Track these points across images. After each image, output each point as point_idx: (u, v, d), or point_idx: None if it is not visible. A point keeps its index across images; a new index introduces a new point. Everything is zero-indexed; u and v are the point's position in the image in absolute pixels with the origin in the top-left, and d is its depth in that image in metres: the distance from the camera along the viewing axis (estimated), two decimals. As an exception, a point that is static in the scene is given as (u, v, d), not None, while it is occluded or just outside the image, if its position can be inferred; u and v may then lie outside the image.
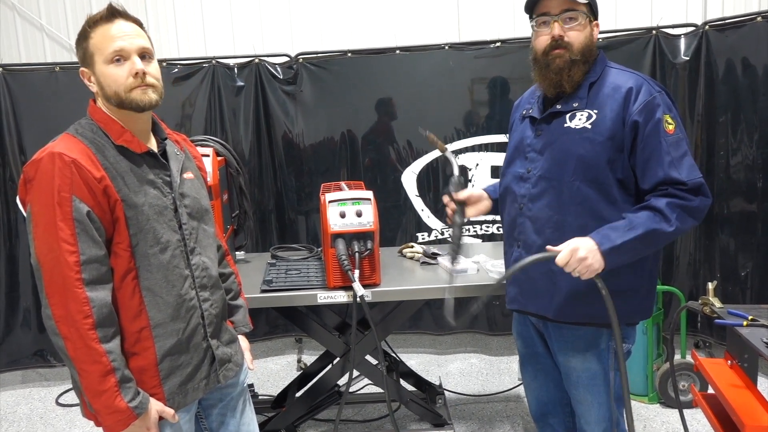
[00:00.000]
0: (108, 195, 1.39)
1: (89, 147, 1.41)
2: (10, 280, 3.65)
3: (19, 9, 4.29)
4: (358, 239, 2.17)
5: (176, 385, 1.51)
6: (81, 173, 1.36)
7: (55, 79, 3.62)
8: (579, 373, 1.83)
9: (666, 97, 1.70)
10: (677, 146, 1.64)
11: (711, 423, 1.82)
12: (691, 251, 3.58)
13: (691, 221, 1.66)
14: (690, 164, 1.65)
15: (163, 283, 1.47)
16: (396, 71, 3.72)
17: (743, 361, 1.76)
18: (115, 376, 1.37)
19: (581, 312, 1.75)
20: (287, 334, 4.07)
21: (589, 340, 1.79)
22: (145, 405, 1.42)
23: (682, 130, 1.68)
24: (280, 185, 3.89)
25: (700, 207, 1.65)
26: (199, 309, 1.55)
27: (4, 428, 3.22)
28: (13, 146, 3.61)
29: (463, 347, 3.99)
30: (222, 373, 1.61)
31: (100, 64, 1.43)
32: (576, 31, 1.72)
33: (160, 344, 1.47)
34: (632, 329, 1.85)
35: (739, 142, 3.32)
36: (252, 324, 1.84)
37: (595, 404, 1.83)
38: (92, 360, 1.35)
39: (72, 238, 1.34)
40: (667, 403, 3.05)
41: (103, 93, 1.46)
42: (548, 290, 1.78)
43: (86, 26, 1.44)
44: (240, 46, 4.21)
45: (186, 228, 1.53)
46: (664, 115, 1.65)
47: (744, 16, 3.27)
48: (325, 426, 2.95)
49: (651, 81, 1.72)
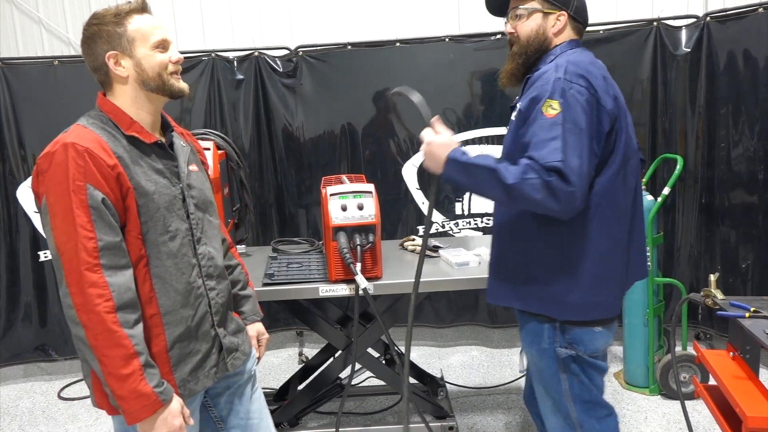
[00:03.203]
0: (121, 183, 1.41)
1: (101, 136, 1.44)
2: (11, 274, 3.65)
3: (17, 2, 4.26)
4: (360, 232, 2.17)
5: (187, 373, 1.53)
6: (94, 161, 1.38)
7: (54, 73, 3.61)
8: (531, 365, 1.86)
9: (569, 83, 1.58)
10: (549, 129, 1.56)
11: (713, 414, 1.82)
12: (692, 243, 3.58)
13: (540, 195, 1.53)
14: (555, 147, 1.53)
15: (174, 270, 1.49)
16: (396, 64, 3.71)
17: (745, 352, 1.76)
18: (139, 359, 1.37)
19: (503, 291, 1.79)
20: (288, 328, 4.07)
21: (532, 334, 1.78)
22: (170, 393, 1.42)
23: (569, 116, 1.56)
24: (281, 179, 3.89)
25: (554, 186, 1.51)
26: (206, 297, 1.58)
27: (7, 422, 3.23)
28: (12, 140, 3.61)
29: (465, 340, 3.99)
30: (230, 362, 1.64)
31: (144, 48, 1.49)
32: (521, 23, 1.77)
33: (170, 331, 1.49)
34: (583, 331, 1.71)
35: (740, 133, 3.32)
36: (262, 311, 1.90)
37: (547, 399, 1.83)
38: (114, 344, 1.35)
39: (89, 224, 1.35)
40: (668, 394, 3.06)
41: (141, 76, 1.49)
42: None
43: (117, 12, 1.48)
44: (239, 39, 4.19)
45: (193, 218, 1.56)
46: (548, 100, 1.58)
47: (745, 7, 3.25)
48: (327, 419, 2.96)
49: (566, 68, 1.62)
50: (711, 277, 1.99)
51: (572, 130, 1.55)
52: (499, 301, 1.83)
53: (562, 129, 1.55)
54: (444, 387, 2.89)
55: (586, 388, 1.76)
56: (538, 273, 1.71)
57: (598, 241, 1.66)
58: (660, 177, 3.54)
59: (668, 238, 3.57)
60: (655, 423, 2.86)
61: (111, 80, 1.52)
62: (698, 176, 3.52)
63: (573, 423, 1.78)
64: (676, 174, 3.03)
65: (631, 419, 2.90)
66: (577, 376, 1.75)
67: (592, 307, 1.69)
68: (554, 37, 1.75)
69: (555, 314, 1.71)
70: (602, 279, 1.69)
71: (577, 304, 1.68)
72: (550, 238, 1.68)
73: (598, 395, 1.79)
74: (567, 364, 1.74)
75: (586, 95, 1.58)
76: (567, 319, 1.70)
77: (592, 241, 1.66)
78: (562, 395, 1.77)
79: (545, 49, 1.75)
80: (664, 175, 3.53)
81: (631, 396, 3.12)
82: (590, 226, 1.65)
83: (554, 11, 1.73)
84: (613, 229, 1.68)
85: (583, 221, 1.64)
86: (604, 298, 1.70)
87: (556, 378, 1.76)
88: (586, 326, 1.71)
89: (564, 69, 1.61)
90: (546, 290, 1.70)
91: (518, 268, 1.75)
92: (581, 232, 1.65)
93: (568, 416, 1.78)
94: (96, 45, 1.49)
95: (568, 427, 1.79)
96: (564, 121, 1.56)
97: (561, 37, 1.76)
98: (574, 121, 1.56)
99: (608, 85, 1.66)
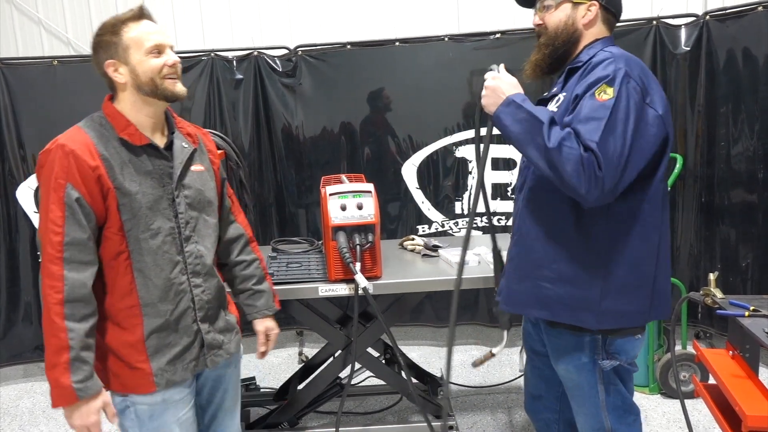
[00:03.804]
0: (101, 183, 1.51)
1: (92, 138, 1.54)
2: (10, 274, 3.65)
3: (17, 2, 4.26)
4: (359, 232, 2.16)
5: (164, 363, 1.61)
6: (78, 163, 1.49)
7: (53, 73, 3.61)
8: (565, 380, 1.78)
9: (629, 77, 1.53)
10: (597, 110, 1.49)
11: (712, 413, 1.82)
12: (691, 242, 3.58)
13: (570, 167, 1.45)
14: (595, 128, 1.46)
15: (153, 266, 1.58)
16: (395, 63, 3.71)
17: (745, 351, 1.76)
18: (69, 354, 1.46)
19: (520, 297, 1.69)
20: (288, 327, 4.07)
21: (569, 349, 1.69)
22: (90, 390, 1.50)
23: (624, 105, 1.49)
24: (280, 178, 3.88)
25: (587, 165, 1.45)
26: (189, 293, 1.64)
27: (7, 422, 3.23)
28: (12, 140, 3.61)
29: (464, 339, 3.99)
30: (210, 358, 1.69)
31: (139, 55, 1.56)
32: (549, 14, 1.70)
33: (147, 322, 1.59)
34: (626, 341, 1.65)
35: (740, 132, 3.31)
36: (278, 305, 1.96)
37: (581, 414, 1.78)
38: (51, 333, 1.46)
39: (60, 220, 1.48)
40: (668, 393, 3.06)
41: (136, 81, 1.57)
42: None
43: (114, 23, 1.58)
44: (239, 38, 4.19)
45: (182, 217, 1.63)
46: (604, 85, 1.51)
47: (745, 5, 3.25)
48: (327, 418, 2.96)
49: (626, 61, 1.56)
50: (710, 276, 1.99)
51: (620, 119, 1.48)
52: (518, 308, 1.73)
53: (610, 114, 1.47)
54: (444, 386, 2.88)
55: (621, 395, 1.72)
56: (570, 275, 1.60)
57: (638, 246, 1.59)
58: (660, 176, 3.53)
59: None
60: (654, 422, 2.86)
61: (114, 87, 1.62)
62: (698, 175, 3.51)
63: (606, 430, 1.73)
64: (675, 173, 3.03)
65: (631, 418, 2.90)
66: (615, 385, 1.70)
67: (623, 315, 1.61)
68: (584, 29, 1.68)
69: (588, 323, 1.61)
70: (635, 287, 1.61)
71: (609, 311, 1.60)
72: (588, 238, 1.59)
73: (630, 401, 1.75)
74: (607, 376, 1.68)
75: (640, 95, 1.52)
76: (603, 328, 1.62)
77: (632, 245, 1.59)
78: (599, 406, 1.71)
79: (575, 40, 1.69)
80: (663, 174, 3.52)
81: (631, 395, 3.12)
82: (632, 231, 1.58)
83: (585, 1, 1.66)
84: (651, 236, 1.62)
85: (626, 224, 1.58)
86: (636, 307, 1.62)
87: (594, 390, 1.70)
88: (627, 335, 1.65)
89: (625, 61, 1.55)
90: (578, 295, 1.60)
91: (547, 270, 1.64)
92: (622, 235, 1.58)
93: (603, 426, 1.73)
94: (98, 55, 1.60)
95: None
96: (614, 108, 1.48)
97: (593, 30, 1.69)
98: (624, 112, 1.48)
99: (660, 89, 1.61)
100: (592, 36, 1.70)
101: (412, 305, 2.55)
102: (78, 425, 1.52)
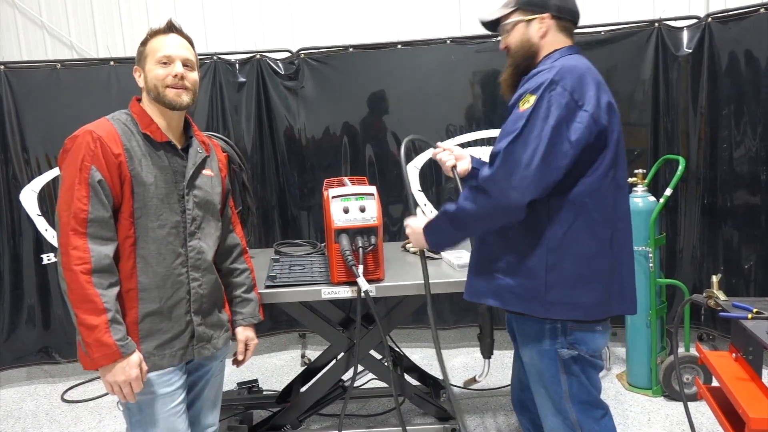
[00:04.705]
0: (121, 170, 1.65)
1: (117, 129, 1.68)
2: (14, 277, 3.66)
3: (20, 6, 4.28)
4: (362, 234, 2.17)
5: (153, 347, 1.71)
6: (103, 148, 1.63)
7: (57, 77, 3.62)
8: (530, 369, 1.85)
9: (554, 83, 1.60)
10: (516, 121, 1.62)
11: (716, 415, 1.82)
12: (694, 244, 3.58)
13: (482, 198, 1.65)
14: (506, 139, 1.61)
15: (156, 254, 1.70)
16: (397, 66, 3.71)
17: (748, 353, 1.76)
18: (107, 315, 1.57)
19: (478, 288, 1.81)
20: (291, 330, 4.08)
21: (533, 336, 1.77)
22: (131, 348, 1.63)
23: (543, 110, 1.58)
24: (283, 181, 3.89)
25: (486, 178, 1.63)
26: (186, 285, 1.76)
27: (10, 425, 3.24)
28: (16, 144, 3.61)
29: (467, 341, 3.99)
30: (197, 349, 1.79)
31: (150, 63, 1.74)
32: (509, 37, 1.81)
33: (143, 306, 1.69)
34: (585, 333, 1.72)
35: (743, 134, 3.31)
36: (263, 316, 2.07)
37: (545, 406, 1.82)
38: (86, 299, 1.56)
39: (85, 198, 1.60)
40: (671, 396, 3.05)
41: (147, 87, 1.75)
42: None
43: (147, 35, 1.78)
44: (241, 41, 4.21)
45: (189, 214, 1.76)
46: (526, 95, 1.63)
47: (747, 8, 3.25)
48: (329, 421, 2.96)
49: (558, 69, 1.62)
50: (713, 278, 1.99)
51: (535, 124, 1.59)
52: (475, 298, 1.83)
53: (526, 121, 1.60)
54: (446, 389, 2.88)
55: (585, 389, 1.77)
56: (520, 268, 1.71)
57: (586, 241, 1.67)
58: (662, 178, 3.53)
59: (670, 239, 3.56)
60: (657, 425, 2.86)
61: (141, 89, 1.79)
62: (700, 177, 3.51)
63: (572, 424, 1.79)
64: (678, 175, 3.03)
65: (634, 421, 2.89)
66: (578, 377, 1.76)
67: (574, 307, 1.69)
68: (541, 40, 1.77)
69: (538, 312, 1.70)
70: (588, 280, 1.68)
71: (558, 302, 1.68)
72: (535, 234, 1.68)
73: (596, 395, 1.81)
74: (568, 365, 1.75)
75: (567, 98, 1.59)
76: (550, 317, 1.70)
77: (578, 240, 1.66)
78: (562, 397, 1.77)
79: (534, 54, 1.77)
80: (666, 176, 3.53)
81: (634, 397, 3.12)
82: (578, 226, 1.66)
83: (534, 16, 1.76)
84: (600, 230, 1.68)
85: (570, 219, 1.66)
86: (591, 300, 1.69)
87: (556, 379, 1.76)
88: (585, 328, 1.72)
89: (556, 70, 1.62)
90: (527, 285, 1.70)
91: (499, 263, 1.75)
92: (568, 230, 1.66)
93: (567, 417, 1.79)
94: (136, 58, 1.80)
95: (567, 428, 1.80)
96: (530, 115, 1.59)
97: (549, 39, 1.77)
98: (541, 117, 1.58)
99: (601, 90, 1.65)
100: (550, 46, 1.78)
101: (414, 308, 2.55)
102: (122, 380, 1.61)
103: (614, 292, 1.71)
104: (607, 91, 1.69)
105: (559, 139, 1.58)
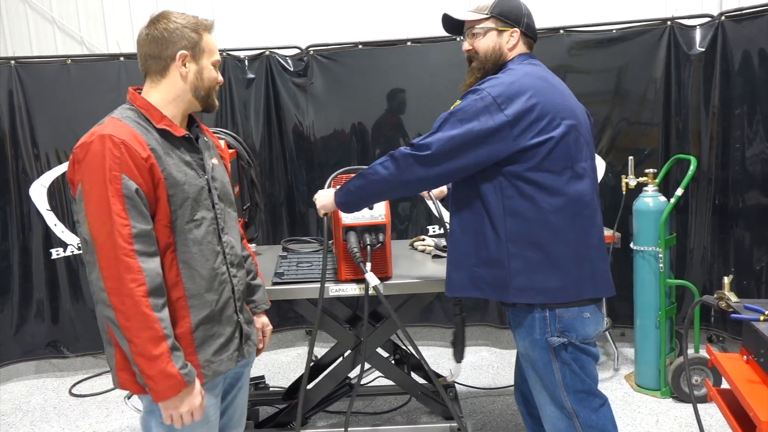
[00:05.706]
0: (153, 173, 1.49)
1: (135, 129, 1.51)
2: (23, 271, 3.68)
3: (31, 2, 4.30)
4: (370, 232, 2.16)
5: (210, 354, 1.59)
6: (130, 153, 1.45)
7: (67, 72, 3.63)
8: (524, 359, 1.89)
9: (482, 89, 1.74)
10: (437, 121, 1.80)
11: (726, 418, 1.80)
12: (705, 245, 3.55)
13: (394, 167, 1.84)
14: (433, 134, 1.78)
15: (199, 256, 1.57)
16: (407, 63, 3.70)
17: (759, 356, 1.74)
18: (167, 342, 1.44)
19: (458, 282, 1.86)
20: (297, 326, 4.08)
21: (525, 325, 1.82)
22: (193, 375, 1.50)
23: (459, 109, 1.75)
24: (291, 178, 3.89)
25: (403, 152, 1.82)
26: (230, 283, 1.66)
27: (19, 418, 3.26)
28: (26, 139, 3.63)
29: (474, 340, 3.98)
30: (246, 348, 1.71)
31: (208, 62, 1.62)
32: (478, 41, 1.91)
33: (194, 314, 1.56)
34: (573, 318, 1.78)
35: (755, 133, 3.28)
36: (269, 302, 1.98)
37: (542, 396, 1.87)
38: (146, 326, 1.42)
39: (124, 212, 1.43)
40: (680, 397, 3.03)
41: (196, 83, 1.61)
42: None
43: (196, 22, 1.62)
44: (250, 38, 4.21)
45: (218, 207, 1.64)
46: (457, 101, 1.78)
47: (761, 6, 3.21)
48: (336, 418, 2.96)
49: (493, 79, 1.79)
50: (725, 279, 1.96)
51: (451, 120, 1.75)
52: (458, 292, 1.89)
53: (443, 120, 1.77)
54: (453, 387, 2.87)
55: (579, 377, 1.80)
56: (489, 259, 1.80)
57: (540, 231, 1.75)
58: (673, 178, 3.50)
59: (681, 239, 3.53)
60: (666, 426, 2.84)
61: (165, 74, 1.59)
62: (712, 177, 3.48)
63: (568, 413, 1.82)
64: (689, 175, 3.01)
65: (642, 422, 2.88)
66: (569, 365, 1.79)
67: (541, 291, 1.76)
68: (509, 52, 1.90)
69: (508, 298, 1.78)
70: (552, 266, 1.76)
71: (524, 287, 1.77)
72: (497, 228, 1.78)
73: (591, 385, 1.83)
74: (559, 353, 1.79)
75: (489, 102, 1.71)
76: (519, 302, 1.78)
77: (533, 231, 1.75)
78: (557, 385, 1.81)
79: (502, 63, 1.89)
80: (677, 176, 3.50)
81: (643, 398, 3.10)
82: (531, 218, 1.75)
83: (508, 29, 1.88)
84: (553, 220, 1.75)
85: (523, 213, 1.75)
86: (559, 284, 1.76)
87: (549, 368, 1.80)
88: (574, 312, 1.78)
89: (493, 79, 1.78)
90: (497, 275, 1.79)
91: (473, 258, 1.84)
92: (524, 223, 1.76)
93: (564, 407, 1.82)
94: (172, 40, 1.57)
95: (564, 417, 1.82)
96: (450, 115, 1.76)
97: (515, 51, 1.90)
98: (459, 115, 1.74)
99: (555, 92, 1.77)
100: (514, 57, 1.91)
101: (422, 306, 2.54)
102: (186, 411, 1.50)
103: (584, 277, 1.78)
104: (563, 93, 1.81)
105: (469, 136, 1.73)
